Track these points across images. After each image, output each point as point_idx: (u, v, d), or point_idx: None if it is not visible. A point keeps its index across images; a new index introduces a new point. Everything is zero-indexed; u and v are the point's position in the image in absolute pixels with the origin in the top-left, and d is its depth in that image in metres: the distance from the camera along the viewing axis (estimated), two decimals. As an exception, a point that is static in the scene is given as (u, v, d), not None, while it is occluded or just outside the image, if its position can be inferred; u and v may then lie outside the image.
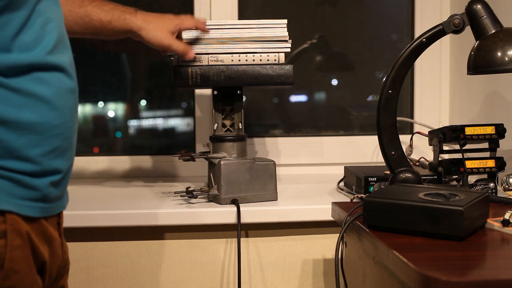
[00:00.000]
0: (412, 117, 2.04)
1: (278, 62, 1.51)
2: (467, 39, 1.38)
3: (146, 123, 2.04)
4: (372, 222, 1.09)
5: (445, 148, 1.53)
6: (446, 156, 1.55)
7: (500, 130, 1.49)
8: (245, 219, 1.46)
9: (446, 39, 1.99)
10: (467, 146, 1.52)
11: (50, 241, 0.97)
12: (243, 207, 1.46)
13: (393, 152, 1.30)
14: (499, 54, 1.24)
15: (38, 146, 0.91)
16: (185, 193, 1.50)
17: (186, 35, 1.49)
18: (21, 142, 0.89)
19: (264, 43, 1.51)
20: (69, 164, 0.98)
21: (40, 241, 0.94)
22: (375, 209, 1.08)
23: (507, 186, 1.39)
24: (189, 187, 1.53)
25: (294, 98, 2.10)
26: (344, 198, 1.53)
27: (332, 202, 1.38)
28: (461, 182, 1.44)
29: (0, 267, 0.88)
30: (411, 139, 1.83)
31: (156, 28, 1.39)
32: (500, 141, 1.51)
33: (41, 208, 0.93)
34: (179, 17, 1.44)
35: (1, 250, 0.88)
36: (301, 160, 1.99)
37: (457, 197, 1.07)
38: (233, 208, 1.46)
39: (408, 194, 1.10)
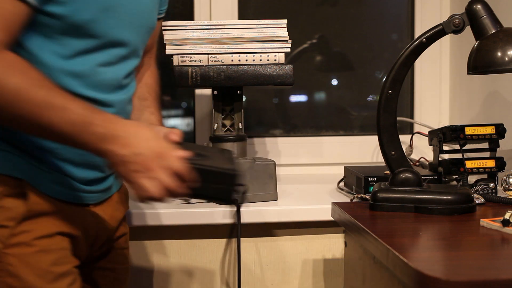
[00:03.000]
0: (412, 117, 2.04)
1: (278, 62, 1.51)
2: (467, 39, 1.37)
3: (146, 123, 2.03)
4: None
5: (445, 148, 1.53)
6: (446, 156, 1.55)
7: (500, 130, 1.49)
8: (245, 219, 1.46)
9: (446, 39, 1.99)
10: (467, 146, 1.52)
11: None
12: (243, 207, 1.46)
13: (393, 152, 1.30)
14: (499, 54, 1.24)
15: None
16: (185, 193, 1.50)
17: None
18: None
19: (264, 43, 1.51)
20: None
21: None
22: None
23: (507, 186, 1.39)
24: (189, 187, 1.52)
25: (294, 98, 2.10)
26: (344, 198, 1.53)
27: (332, 202, 1.38)
28: (461, 182, 1.44)
29: None
30: (411, 139, 1.83)
31: None
32: (500, 141, 1.51)
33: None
34: None
35: None
36: (301, 160, 1.98)
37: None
38: (233, 208, 1.46)
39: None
